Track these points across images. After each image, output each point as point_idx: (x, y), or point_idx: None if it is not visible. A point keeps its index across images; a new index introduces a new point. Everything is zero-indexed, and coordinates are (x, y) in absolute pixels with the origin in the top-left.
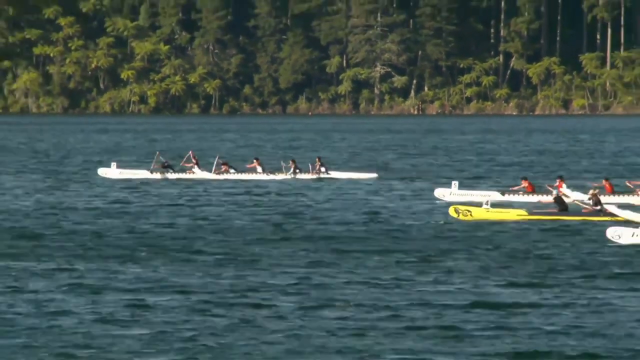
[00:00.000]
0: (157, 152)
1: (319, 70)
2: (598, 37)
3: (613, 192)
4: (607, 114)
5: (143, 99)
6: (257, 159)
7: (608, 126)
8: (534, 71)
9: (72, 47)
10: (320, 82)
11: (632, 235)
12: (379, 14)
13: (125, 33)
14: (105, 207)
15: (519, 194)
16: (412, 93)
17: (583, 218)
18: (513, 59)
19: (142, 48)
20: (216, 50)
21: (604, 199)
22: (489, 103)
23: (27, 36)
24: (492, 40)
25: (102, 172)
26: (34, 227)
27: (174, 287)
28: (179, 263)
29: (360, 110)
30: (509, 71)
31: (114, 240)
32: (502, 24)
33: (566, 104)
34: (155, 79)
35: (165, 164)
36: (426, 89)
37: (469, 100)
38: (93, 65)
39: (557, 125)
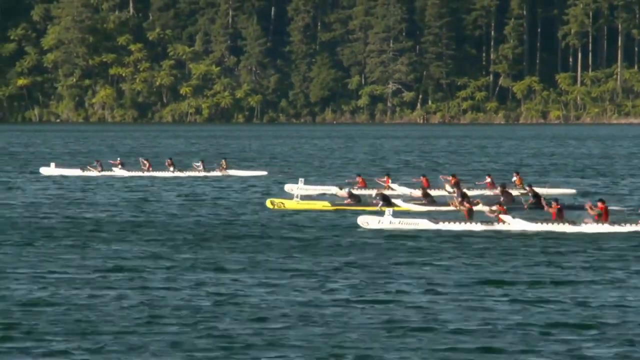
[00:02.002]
0: (96, 160)
1: (342, 87)
2: (570, 60)
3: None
4: (577, 123)
5: (198, 111)
6: (170, 159)
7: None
8: (518, 88)
9: (141, 68)
10: (343, 97)
11: (378, 222)
12: (391, 41)
13: (184, 57)
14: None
15: (354, 188)
16: (418, 105)
17: (373, 208)
18: (501, 77)
19: (197, 69)
20: (258, 71)
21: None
22: (481, 114)
23: (104, 59)
24: (483, 63)
25: (44, 170)
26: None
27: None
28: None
29: (376, 119)
30: (497, 88)
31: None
32: (491, 49)
33: (544, 114)
34: (208, 94)
35: (98, 163)
36: (430, 102)
37: (465, 111)
38: (158, 83)
39: (536, 131)
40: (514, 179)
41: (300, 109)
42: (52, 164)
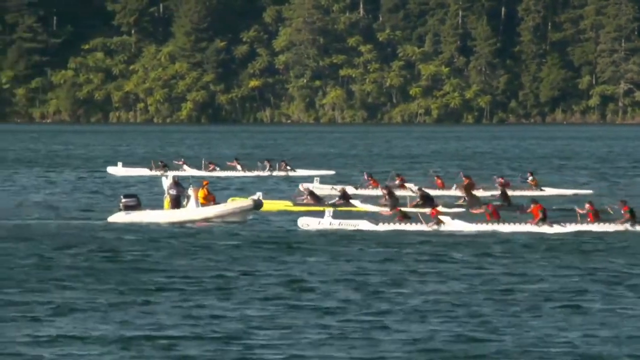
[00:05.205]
0: (159, 161)
1: (572, 87)
2: None
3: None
4: None
5: (427, 111)
6: (236, 159)
7: None
8: None
9: (371, 69)
10: (573, 97)
11: (318, 224)
12: (622, 41)
13: (413, 57)
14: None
15: (367, 188)
16: None
17: (332, 208)
18: None
19: (427, 70)
20: (487, 71)
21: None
22: None
23: (334, 61)
24: None
25: (111, 169)
26: None
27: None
28: None
29: (607, 120)
30: None
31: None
32: None
33: None
34: (438, 95)
35: (163, 164)
36: None
37: None
38: (387, 84)
39: None
40: (530, 178)
41: (530, 109)
42: (120, 164)
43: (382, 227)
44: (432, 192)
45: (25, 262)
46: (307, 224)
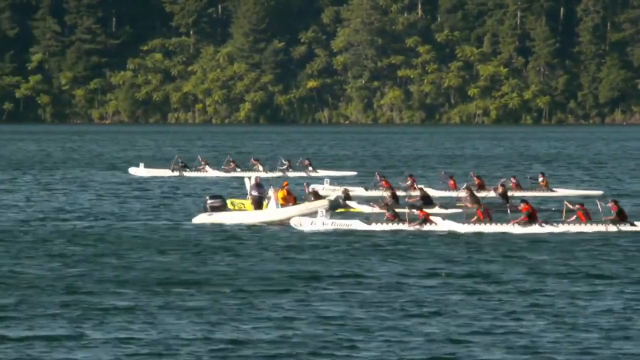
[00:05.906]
0: (176, 156)
1: (632, 87)
2: None
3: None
4: None
5: (486, 112)
6: (257, 159)
7: None
8: None
9: (429, 70)
10: (632, 98)
11: (311, 224)
12: None
13: (472, 58)
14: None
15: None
16: None
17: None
18: None
19: (485, 70)
20: (546, 72)
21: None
22: None
23: (393, 61)
24: None
25: (132, 170)
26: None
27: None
28: None
29: None
30: None
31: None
32: None
33: None
34: (496, 95)
35: (182, 164)
36: None
37: None
38: (445, 85)
39: None
40: (540, 179)
41: (589, 109)
42: (141, 165)
43: (375, 226)
44: (444, 194)
45: (106, 263)
46: (299, 223)
